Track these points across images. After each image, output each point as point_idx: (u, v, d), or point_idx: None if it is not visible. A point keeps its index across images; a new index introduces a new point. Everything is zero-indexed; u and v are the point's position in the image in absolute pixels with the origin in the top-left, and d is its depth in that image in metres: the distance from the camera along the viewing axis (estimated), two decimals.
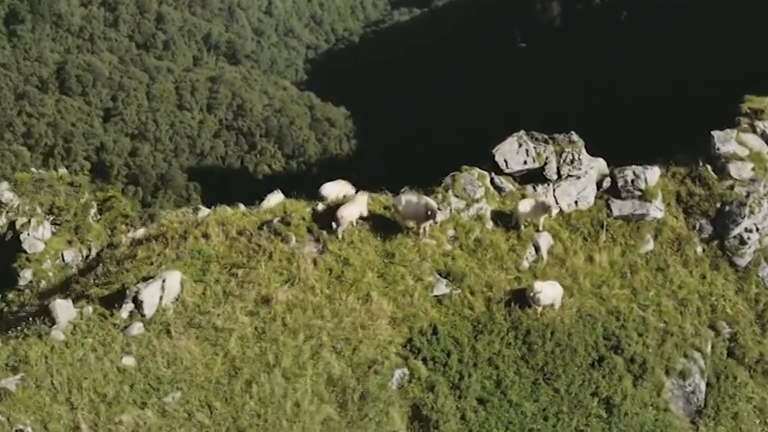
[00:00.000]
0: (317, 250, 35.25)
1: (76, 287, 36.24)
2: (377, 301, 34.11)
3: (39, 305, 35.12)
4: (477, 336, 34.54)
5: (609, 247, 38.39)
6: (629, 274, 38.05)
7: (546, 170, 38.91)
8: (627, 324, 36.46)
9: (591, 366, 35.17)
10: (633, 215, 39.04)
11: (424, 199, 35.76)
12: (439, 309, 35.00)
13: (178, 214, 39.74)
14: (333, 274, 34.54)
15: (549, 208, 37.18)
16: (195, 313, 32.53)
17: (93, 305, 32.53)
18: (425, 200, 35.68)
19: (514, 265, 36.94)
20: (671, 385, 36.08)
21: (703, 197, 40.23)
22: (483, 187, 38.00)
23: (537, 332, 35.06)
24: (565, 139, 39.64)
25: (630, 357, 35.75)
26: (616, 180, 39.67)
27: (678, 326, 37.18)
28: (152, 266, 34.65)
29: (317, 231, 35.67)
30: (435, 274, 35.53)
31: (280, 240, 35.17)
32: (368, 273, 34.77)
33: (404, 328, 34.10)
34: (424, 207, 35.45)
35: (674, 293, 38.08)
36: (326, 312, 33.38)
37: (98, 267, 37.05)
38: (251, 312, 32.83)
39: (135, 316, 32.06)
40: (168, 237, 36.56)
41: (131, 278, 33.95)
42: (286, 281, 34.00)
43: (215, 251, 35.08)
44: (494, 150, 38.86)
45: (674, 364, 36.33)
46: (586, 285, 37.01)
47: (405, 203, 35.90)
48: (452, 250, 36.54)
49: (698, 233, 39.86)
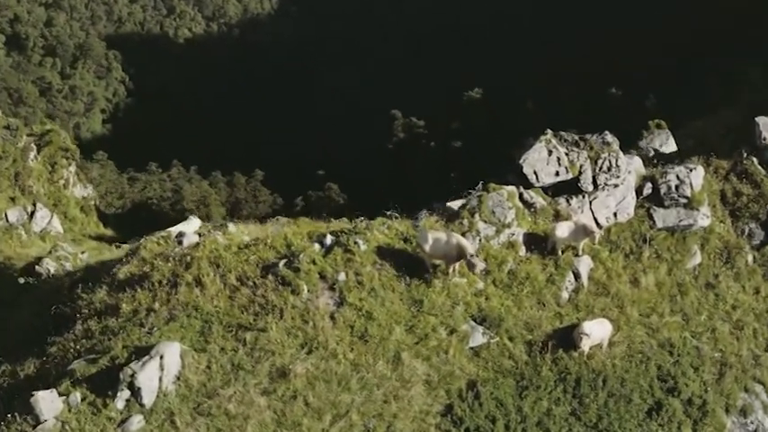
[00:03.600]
0: (334, 302, 30.57)
1: (53, 351, 31.09)
2: (408, 363, 29.73)
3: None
4: (523, 393, 30.42)
5: (654, 266, 34.32)
6: (678, 297, 34.15)
7: (581, 181, 34.38)
8: (681, 359, 32.70)
9: (647, 415, 31.36)
10: (678, 226, 34.87)
11: (455, 238, 31.12)
12: (477, 362, 30.76)
13: (160, 242, 34.64)
14: (355, 333, 29.97)
15: (592, 233, 32.78)
16: (202, 396, 27.88)
17: (81, 389, 27.70)
18: (456, 239, 31.04)
19: (554, 299, 32.73)
20: (732, 425, 32.47)
21: (752, 197, 36.23)
22: (513, 208, 33.35)
23: (587, 382, 31.06)
24: (598, 140, 35.10)
25: (688, 399, 32.02)
26: (658, 186, 35.31)
27: (735, 354, 33.50)
28: (142, 329, 29.77)
29: (330, 277, 30.92)
30: (470, 322, 31.18)
31: (290, 292, 30.39)
32: (395, 328, 30.26)
33: (440, 392, 29.83)
34: (456, 248, 30.85)
35: (728, 315, 34.34)
36: (354, 384, 28.91)
37: (77, 323, 31.81)
38: (266, 391, 28.25)
39: (133, 406, 27.34)
40: (155, 282, 31.63)
41: (119, 347, 29.06)
42: (302, 345, 29.39)
43: (214, 307, 30.29)
44: (521, 160, 34.12)
45: (735, 401, 32.72)
46: (634, 315, 33.08)
47: (432, 243, 31.22)
48: (485, 288, 32.12)
49: (748, 239, 35.95)
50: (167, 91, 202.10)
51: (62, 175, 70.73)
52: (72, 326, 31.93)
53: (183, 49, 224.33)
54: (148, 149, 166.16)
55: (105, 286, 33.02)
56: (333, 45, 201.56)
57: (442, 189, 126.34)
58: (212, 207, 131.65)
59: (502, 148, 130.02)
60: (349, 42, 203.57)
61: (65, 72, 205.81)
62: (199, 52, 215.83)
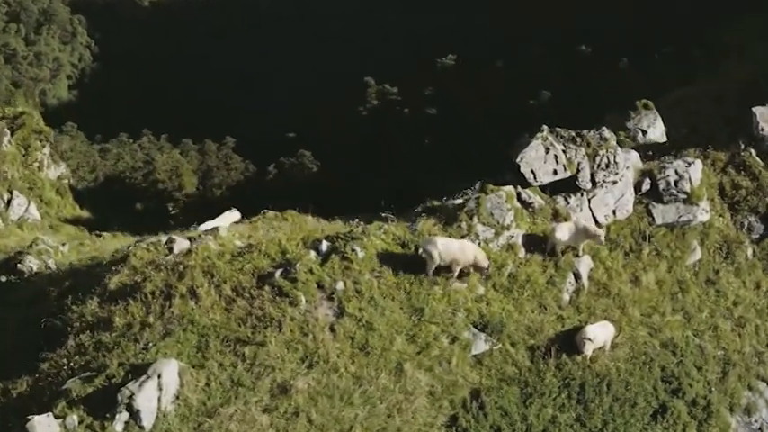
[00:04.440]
0: (333, 313, 29.90)
1: (46, 368, 30.25)
2: (411, 374, 29.14)
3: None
4: (527, 401, 29.96)
5: (654, 263, 33.88)
6: (679, 295, 33.78)
7: (579, 179, 33.72)
8: (684, 359, 32.39)
9: (653, 419, 31.03)
10: (678, 222, 34.36)
11: (471, 248, 30.67)
12: (479, 370, 30.24)
13: (150, 248, 33.78)
14: (356, 344, 29.33)
15: (595, 236, 32.26)
16: (202, 415, 27.15)
17: (78, 411, 26.94)
18: (473, 250, 30.63)
19: (555, 301, 32.20)
20: (736, 424, 32.20)
21: (751, 190, 35.83)
22: (512, 209, 32.70)
23: (592, 387, 30.63)
24: (595, 136, 34.38)
25: (693, 400, 31.73)
26: (656, 181, 34.73)
27: (737, 351, 33.23)
28: (137, 345, 29.02)
29: (328, 286, 30.24)
30: (471, 329, 30.60)
31: (288, 303, 29.69)
32: (396, 338, 29.66)
33: (444, 402, 29.30)
34: (473, 257, 30.46)
35: (730, 311, 34.01)
36: (356, 398, 28.29)
37: (69, 338, 30.95)
38: (268, 408, 27.56)
39: (132, 428, 26.60)
40: (148, 294, 30.83)
41: (115, 364, 28.30)
42: (303, 359, 28.71)
43: (210, 320, 29.56)
44: (517, 159, 33.39)
45: (739, 400, 32.47)
46: (636, 315, 32.69)
47: (442, 248, 30.68)
48: (486, 293, 31.53)
49: (747, 233, 35.58)
50: (134, 56, 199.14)
51: (36, 157, 69.73)
52: (64, 340, 31.07)
53: (149, 13, 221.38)
54: (116, 116, 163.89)
55: (96, 297, 32.13)
56: (311, 21, 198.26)
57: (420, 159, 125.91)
58: (185, 177, 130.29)
59: (478, 117, 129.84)
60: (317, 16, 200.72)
61: (29, 38, 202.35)
62: (165, 16, 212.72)
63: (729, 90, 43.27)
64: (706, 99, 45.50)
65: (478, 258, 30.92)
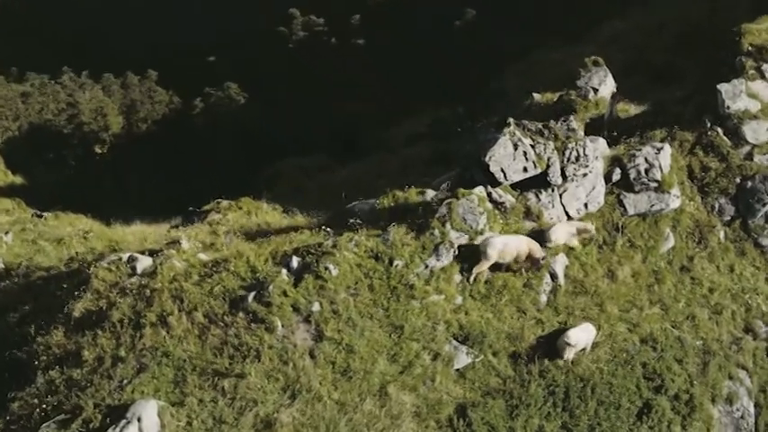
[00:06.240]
0: (311, 336, 29.10)
1: (16, 408, 29.13)
2: (396, 397, 28.52)
3: None
4: (513, 413, 29.53)
5: (628, 255, 33.45)
6: (655, 286, 33.44)
7: (550, 174, 32.98)
8: (665, 354, 32.13)
9: (638, 418, 30.83)
10: (650, 211, 33.88)
11: (527, 242, 31.59)
12: (463, 384, 29.72)
13: (111, 268, 32.60)
14: (337, 369, 28.58)
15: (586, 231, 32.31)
16: None
17: None
18: (529, 243, 31.56)
19: (533, 304, 31.68)
20: (718, 414, 32.11)
21: (719, 171, 35.33)
22: (485, 213, 31.93)
23: (576, 393, 30.29)
24: (562, 127, 33.56)
25: (675, 395, 31.52)
26: (626, 171, 34.09)
27: (716, 339, 33.06)
28: (111, 382, 28.00)
29: (304, 308, 29.39)
30: (452, 342, 30.03)
31: (264, 330, 28.82)
32: (377, 359, 28.97)
33: (431, 423, 28.75)
34: (529, 250, 31.59)
35: (706, 299, 33.78)
36: (342, 427, 27.56)
37: (37, 374, 29.79)
38: None
39: None
40: (116, 323, 29.77)
41: (90, 406, 27.25)
42: (284, 389, 27.90)
43: (185, 351, 28.61)
44: (486, 158, 32.46)
45: (720, 390, 32.34)
46: (614, 312, 32.34)
47: (501, 247, 31.10)
48: (463, 302, 30.90)
49: (718, 216, 35.21)
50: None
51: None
52: (32, 376, 29.97)
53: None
54: (32, 50, 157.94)
55: (61, 326, 31.02)
56: None
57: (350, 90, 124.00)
58: (110, 117, 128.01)
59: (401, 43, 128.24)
60: None
61: None
62: None
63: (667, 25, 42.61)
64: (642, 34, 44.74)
65: (533, 250, 31.02)
